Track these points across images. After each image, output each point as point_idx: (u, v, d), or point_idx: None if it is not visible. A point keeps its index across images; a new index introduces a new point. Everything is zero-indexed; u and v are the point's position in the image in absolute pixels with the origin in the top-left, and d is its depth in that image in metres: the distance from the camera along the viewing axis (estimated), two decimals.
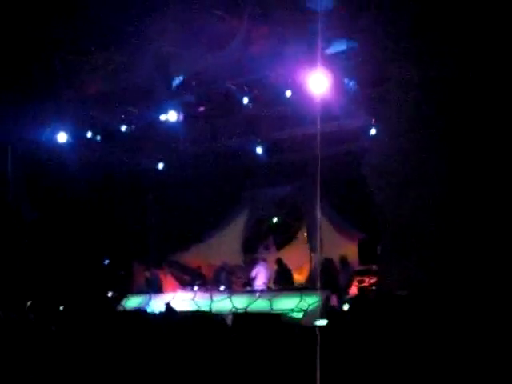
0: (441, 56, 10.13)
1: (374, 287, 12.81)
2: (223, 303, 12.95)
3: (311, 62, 9.88)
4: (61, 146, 14.53)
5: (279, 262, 15.35)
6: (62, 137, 14.47)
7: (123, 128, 14.91)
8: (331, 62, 10.15)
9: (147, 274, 16.15)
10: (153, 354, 7.88)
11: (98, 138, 15.13)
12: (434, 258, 10.51)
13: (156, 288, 15.37)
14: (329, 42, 10.41)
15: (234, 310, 12.32)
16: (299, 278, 15.83)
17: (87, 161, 15.38)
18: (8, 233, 14.19)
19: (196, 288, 15.17)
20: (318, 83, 10.14)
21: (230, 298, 13.11)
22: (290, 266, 15.76)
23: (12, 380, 7.23)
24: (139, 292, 15.15)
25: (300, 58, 10.51)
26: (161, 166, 17.24)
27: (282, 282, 14.82)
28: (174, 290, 15.39)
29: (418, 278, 10.32)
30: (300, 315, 11.73)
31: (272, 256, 16.31)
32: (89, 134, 14.91)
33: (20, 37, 11.44)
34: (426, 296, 8.35)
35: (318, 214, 13.66)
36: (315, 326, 8.69)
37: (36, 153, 14.55)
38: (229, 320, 9.82)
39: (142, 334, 8.68)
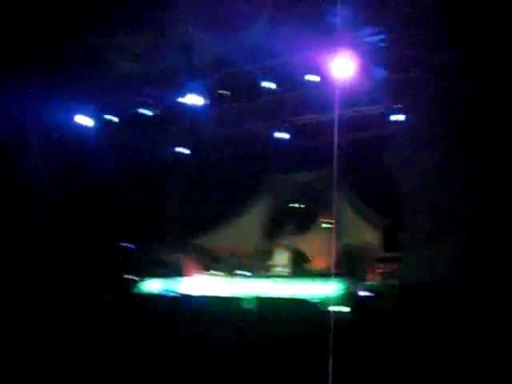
0: (472, 40, 9.88)
1: (395, 274, 12.71)
2: (242, 287, 12.93)
3: (337, 45, 9.72)
4: (83, 128, 14.55)
5: (294, 250, 15.29)
6: (85, 120, 14.49)
7: (147, 111, 14.89)
8: (357, 45, 9.95)
9: (169, 257, 16.18)
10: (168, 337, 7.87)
11: (121, 120, 15.12)
12: (458, 247, 10.35)
13: (177, 272, 15.39)
14: (355, 24, 10.20)
15: (253, 294, 12.29)
16: (321, 264, 15.73)
17: (110, 144, 15.38)
18: (31, 214, 14.28)
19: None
20: (342, 67, 9.99)
21: (249, 282, 13.09)
22: (312, 252, 15.68)
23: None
24: (160, 276, 15.17)
25: (325, 40, 10.33)
26: (184, 149, 17.24)
27: (296, 268, 14.73)
28: (195, 274, 15.41)
29: (440, 266, 10.19)
30: (321, 301, 11.66)
31: (294, 242, 16.23)
32: (112, 117, 14.90)
33: (43, 18, 11.44)
34: (447, 284, 8.24)
35: (342, 200, 13.56)
36: (336, 312, 8.62)
37: (58, 136, 14.58)
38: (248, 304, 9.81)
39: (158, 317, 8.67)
